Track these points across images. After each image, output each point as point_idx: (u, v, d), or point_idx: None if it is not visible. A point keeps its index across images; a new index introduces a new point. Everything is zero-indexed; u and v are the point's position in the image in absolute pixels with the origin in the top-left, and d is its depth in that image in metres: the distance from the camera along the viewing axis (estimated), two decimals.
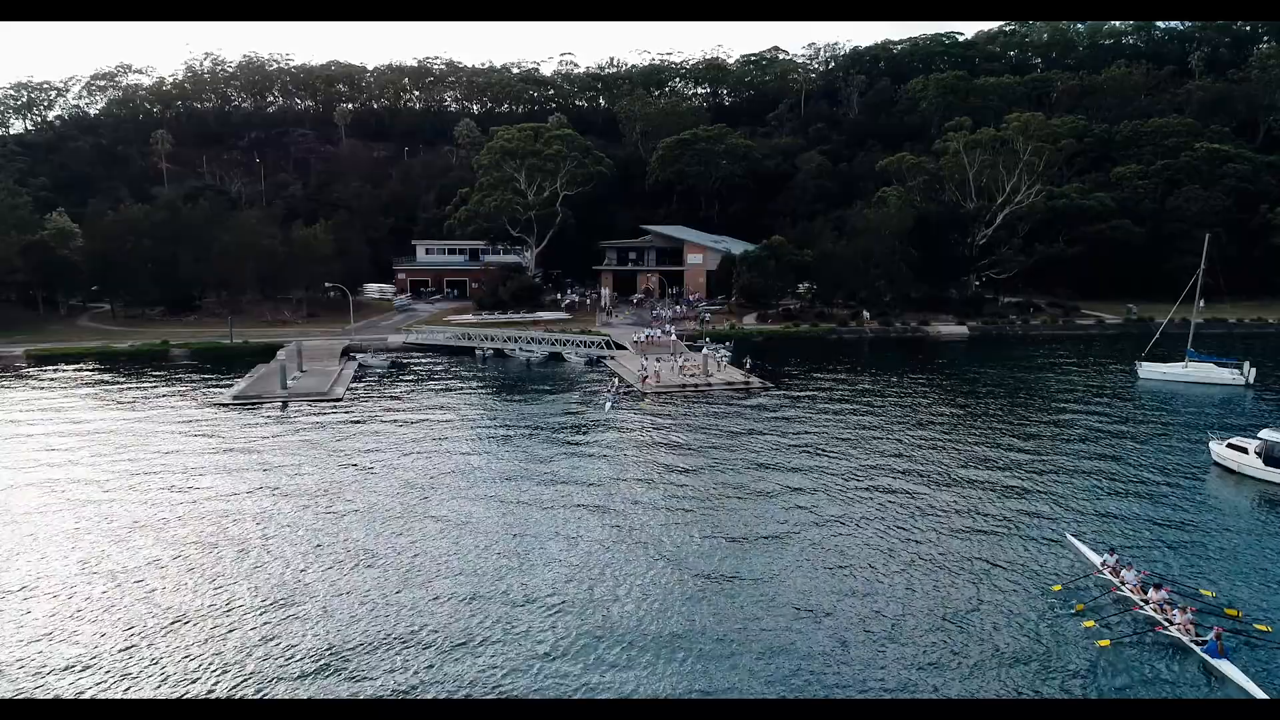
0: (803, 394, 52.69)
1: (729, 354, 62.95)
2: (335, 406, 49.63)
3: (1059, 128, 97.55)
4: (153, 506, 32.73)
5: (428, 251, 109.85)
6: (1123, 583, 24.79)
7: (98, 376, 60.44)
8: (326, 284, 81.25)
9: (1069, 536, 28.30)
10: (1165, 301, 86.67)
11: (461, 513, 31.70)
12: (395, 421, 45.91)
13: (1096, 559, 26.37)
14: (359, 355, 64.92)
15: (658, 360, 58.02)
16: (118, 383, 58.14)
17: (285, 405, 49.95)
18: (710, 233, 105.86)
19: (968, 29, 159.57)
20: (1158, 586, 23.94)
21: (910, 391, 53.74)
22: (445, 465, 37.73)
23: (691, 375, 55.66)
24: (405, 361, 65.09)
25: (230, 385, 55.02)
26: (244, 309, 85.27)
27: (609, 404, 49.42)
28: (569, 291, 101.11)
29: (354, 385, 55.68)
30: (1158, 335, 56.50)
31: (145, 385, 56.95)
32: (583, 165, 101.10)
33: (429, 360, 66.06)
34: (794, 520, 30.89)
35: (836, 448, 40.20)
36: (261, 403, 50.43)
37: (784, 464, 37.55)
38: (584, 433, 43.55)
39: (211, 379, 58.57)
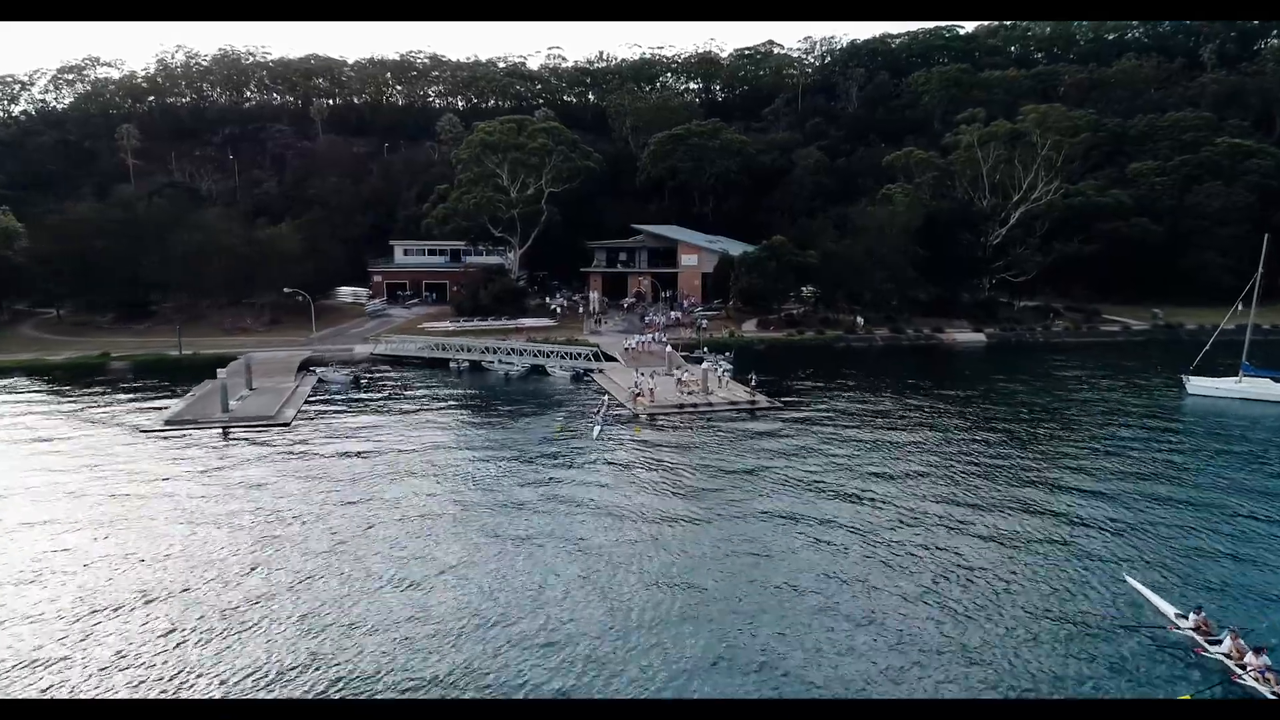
0: (816, 414, 46.64)
1: (730, 367, 56.86)
2: (282, 433, 43.05)
3: (1078, 120, 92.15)
4: (17, 574, 26.21)
5: (406, 252, 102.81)
6: (1213, 643, 20.65)
7: (16, 395, 53.54)
8: (286, 289, 74.46)
9: (1131, 580, 24.00)
10: (1186, 304, 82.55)
11: (412, 579, 25.43)
12: (348, 453, 39.41)
13: (1169, 609, 22.25)
14: (319, 370, 58.34)
15: (652, 376, 51.85)
16: (39, 402, 51.48)
17: (226, 432, 43.48)
18: (704, 231, 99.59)
19: (968, 23, 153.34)
20: (1258, 651, 19.77)
21: (933, 410, 47.79)
22: (394, 513, 31.15)
23: (690, 393, 49.56)
24: (369, 377, 58.47)
25: (166, 406, 48.39)
26: (203, 315, 78.80)
27: (597, 428, 43.25)
28: (556, 295, 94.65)
29: (308, 405, 49.12)
30: (1209, 345, 50.79)
31: (67, 406, 50.15)
32: (569, 160, 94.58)
33: (397, 375, 59.55)
34: (820, 569, 25.47)
35: (860, 480, 34.29)
36: (198, 428, 43.88)
37: (804, 502, 31.43)
38: (568, 465, 37.31)
39: (148, 398, 51.89)
